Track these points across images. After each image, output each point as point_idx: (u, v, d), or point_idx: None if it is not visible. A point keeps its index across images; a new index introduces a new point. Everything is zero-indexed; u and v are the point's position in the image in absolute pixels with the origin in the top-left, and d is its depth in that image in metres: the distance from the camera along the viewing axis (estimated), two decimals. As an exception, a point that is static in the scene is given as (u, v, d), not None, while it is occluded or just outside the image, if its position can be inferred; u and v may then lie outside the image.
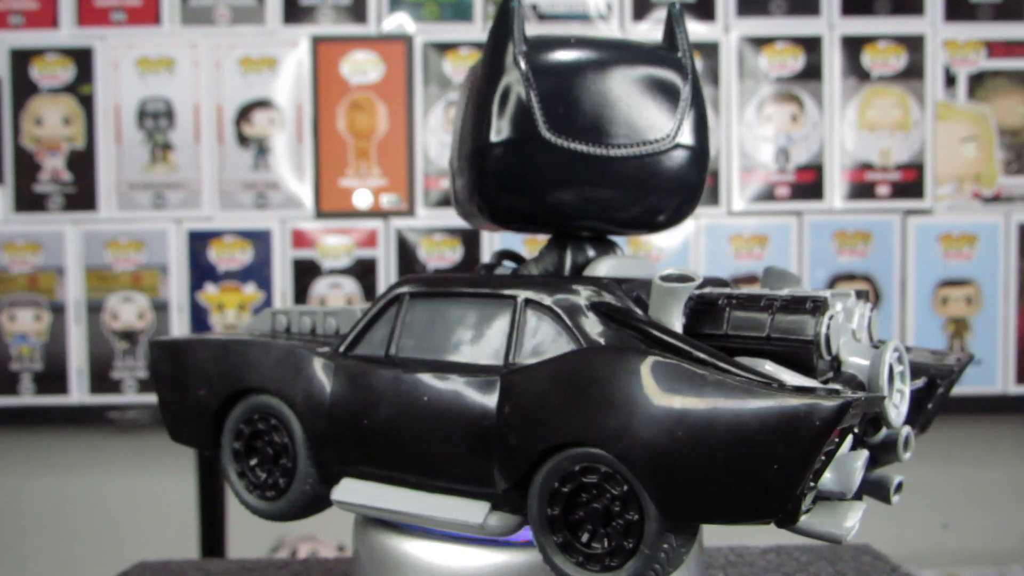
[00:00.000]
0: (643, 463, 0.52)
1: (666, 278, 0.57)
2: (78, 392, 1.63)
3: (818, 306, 0.55)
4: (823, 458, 0.50)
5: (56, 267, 1.63)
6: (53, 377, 1.63)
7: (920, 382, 0.63)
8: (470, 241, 1.65)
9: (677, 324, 0.57)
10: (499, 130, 0.62)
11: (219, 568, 1.00)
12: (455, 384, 0.61)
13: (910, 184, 1.66)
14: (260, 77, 1.63)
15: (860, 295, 0.62)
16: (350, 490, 0.66)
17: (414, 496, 0.63)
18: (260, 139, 1.64)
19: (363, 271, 1.64)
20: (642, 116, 0.62)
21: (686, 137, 0.63)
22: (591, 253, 0.67)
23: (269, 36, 1.64)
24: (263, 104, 1.63)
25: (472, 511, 0.61)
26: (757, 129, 1.65)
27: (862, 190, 1.66)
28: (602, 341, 0.57)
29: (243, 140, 1.64)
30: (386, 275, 1.64)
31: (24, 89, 1.63)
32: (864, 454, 0.53)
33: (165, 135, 1.63)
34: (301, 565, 0.99)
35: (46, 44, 1.63)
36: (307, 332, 0.75)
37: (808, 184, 1.66)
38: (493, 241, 1.64)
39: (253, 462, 0.72)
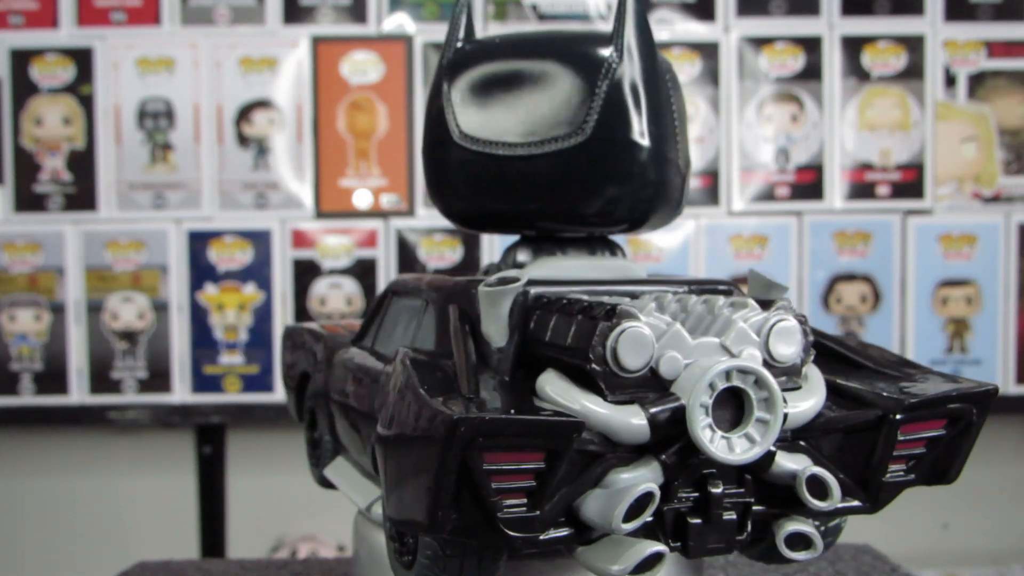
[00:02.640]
0: (378, 466, 0.54)
1: (488, 283, 0.55)
2: (78, 392, 1.63)
3: (609, 315, 0.50)
4: (530, 481, 0.48)
5: (56, 267, 1.63)
6: (53, 377, 1.63)
7: (869, 414, 0.54)
8: (470, 241, 1.65)
9: (497, 328, 0.56)
10: (432, 133, 0.65)
11: (219, 568, 1.00)
12: (370, 374, 0.65)
13: (910, 184, 1.66)
14: (260, 77, 1.63)
15: (767, 305, 0.54)
16: (334, 468, 0.74)
17: (354, 477, 0.70)
18: (260, 139, 1.64)
19: (363, 271, 1.64)
20: (552, 112, 0.60)
21: (606, 129, 0.59)
22: (550, 253, 0.65)
23: (269, 36, 1.64)
24: (263, 104, 1.63)
25: (367, 496, 0.65)
26: (757, 129, 1.65)
27: (862, 190, 1.66)
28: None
29: (243, 140, 1.64)
30: (386, 275, 1.64)
31: (24, 89, 1.63)
32: (642, 488, 0.48)
33: (165, 135, 1.63)
34: (301, 565, 0.99)
35: (46, 44, 1.63)
36: None
37: (808, 184, 1.66)
38: (493, 241, 1.64)
39: (316, 434, 0.81)
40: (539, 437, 0.48)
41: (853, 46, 1.65)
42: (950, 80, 1.66)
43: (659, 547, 0.50)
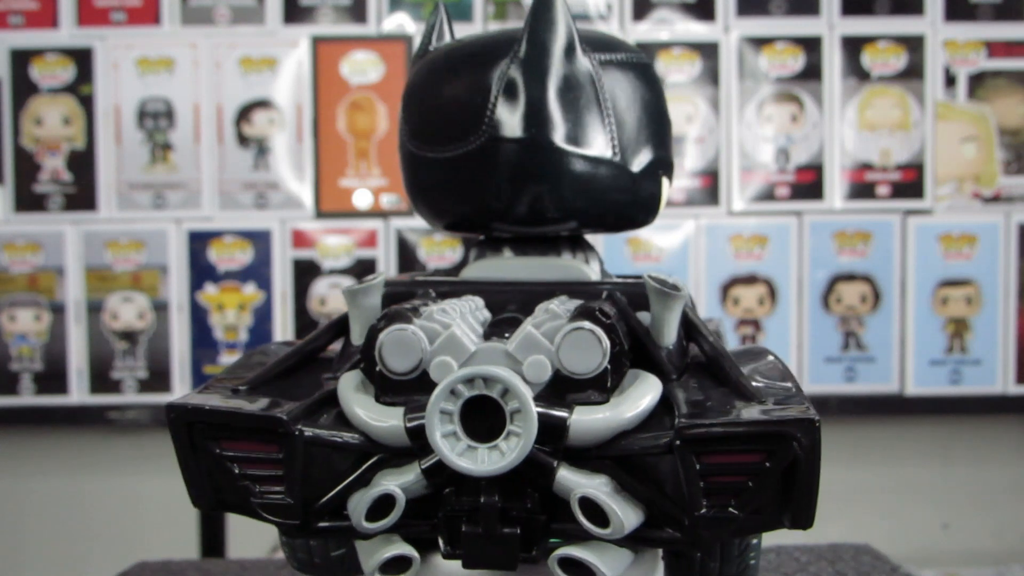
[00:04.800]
0: None
1: (354, 283, 0.58)
2: (78, 392, 1.63)
3: (383, 317, 0.51)
4: (276, 470, 0.51)
5: (56, 267, 1.63)
6: (53, 377, 1.63)
7: (660, 437, 0.50)
8: (470, 241, 1.65)
9: (360, 327, 0.57)
10: (399, 138, 0.66)
11: (219, 568, 1.00)
12: None
13: (910, 184, 1.66)
14: (260, 77, 1.63)
15: (583, 313, 0.50)
16: None
17: None
18: (260, 139, 1.64)
19: (363, 271, 1.64)
20: (466, 114, 0.60)
21: (504, 129, 0.59)
22: (497, 253, 0.66)
23: (269, 36, 1.64)
24: (263, 104, 1.63)
25: None
26: (757, 129, 1.65)
27: (862, 190, 1.66)
28: None
29: (243, 140, 1.64)
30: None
31: (24, 89, 1.63)
32: (379, 490, 0.49)
33: (165, 135, 1.63)
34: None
35: (46, 44, 1.63)
36: None
37: (808, 184, 1.66)
38: (493, 241, 1.64)
39: None
40: (245, 429, 0.51)
41: (853, 46, 1.65)
42: (950, 80, 1.66)
43: (402, 551, 0.51)
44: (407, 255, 1.64)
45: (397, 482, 0.50)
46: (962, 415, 1.69)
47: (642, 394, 0.50)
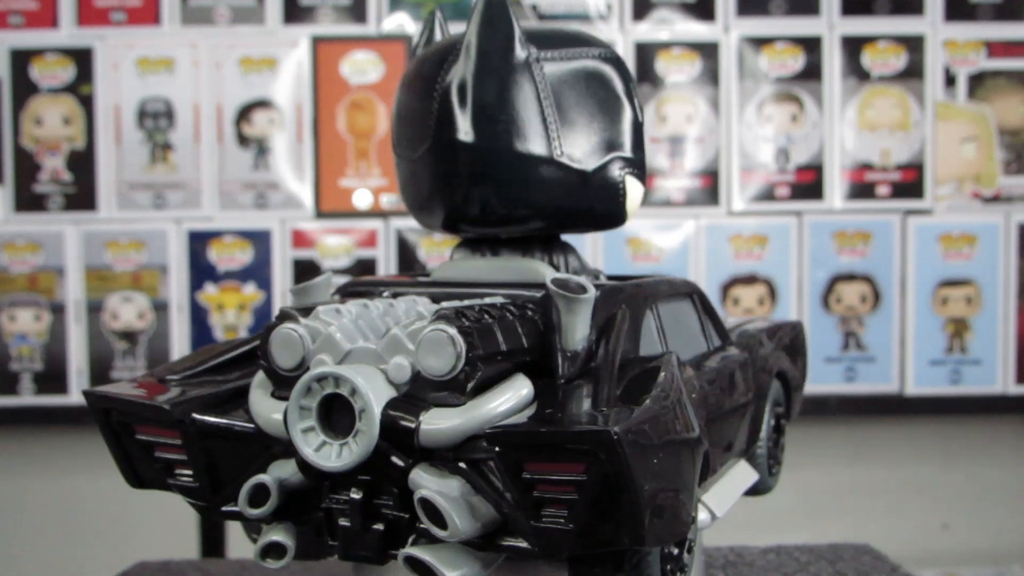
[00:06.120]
0: None
1: (296, 285, 0.61)
2: (78, 392, 1.63)
3: (278, 316, 0.54)
4: (181, 455, 0.56)
5: (56, 267, 1.63)
6: (53, 377, 1.63)
7: (482, 444, 0.49)
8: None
9: None
10: None
11: (219, 568, 1.00)
12: None
13: (910, 184, 1.66)
14: (260, 77, 1.63)
15: (441, 316, 0.50)
16: None
17: None
18: (260, 139, 1.64)
19: (363, 271, 1.65)
20: (420, 118, 0.62)
21: (446, 132, 0.60)
22: (478, 255, 0.67)
23: (269, 36, 1.64)
24: (263, 104, 1.63)
25: None
26: (757, 129, 1.65)
27: (862, 190, 1.66)
28: None
29: (243, 140, 1.64)
30: (386, 275, 1.64)
31: (24, 89, 1.63)
32: (253, 480, 0.53)
33: (165, 135, 1.63)
34: (301, 565, 0.99)
35: (46, 44, 1.63)
36: None
37: (808, 184, 1.66)
38: (493, 241, 1.64)
39: None
40: (147, 417, 0.55)
41: (853, 46, 1.65)
42: (950, 80, 1.66)
43: (276, 538, 0.54)
44: (407, 255, 1.64)
45: (278, 473, 0.53)
46: (962, 415, 1.69)
47: (501, 398, 0.50)
